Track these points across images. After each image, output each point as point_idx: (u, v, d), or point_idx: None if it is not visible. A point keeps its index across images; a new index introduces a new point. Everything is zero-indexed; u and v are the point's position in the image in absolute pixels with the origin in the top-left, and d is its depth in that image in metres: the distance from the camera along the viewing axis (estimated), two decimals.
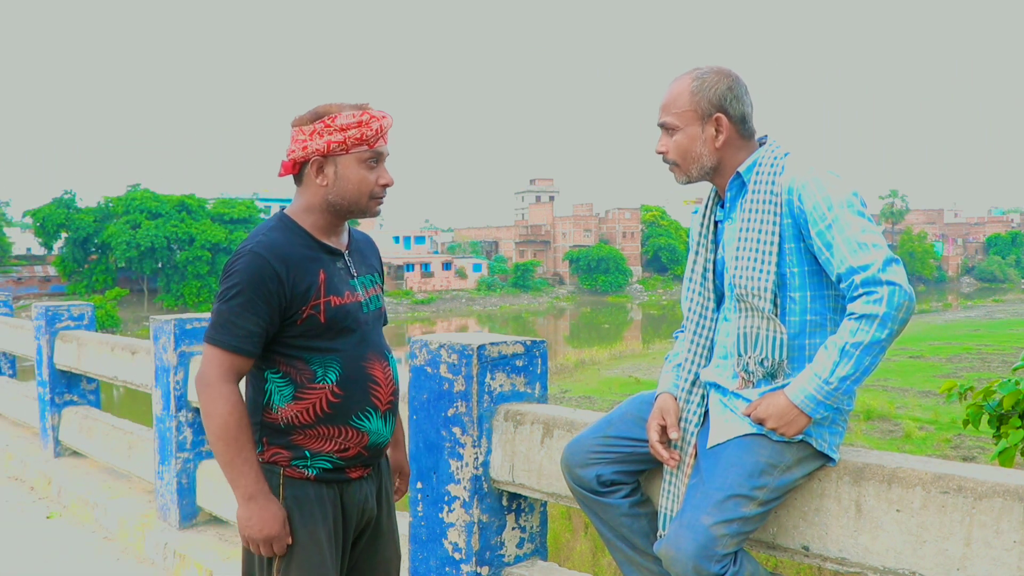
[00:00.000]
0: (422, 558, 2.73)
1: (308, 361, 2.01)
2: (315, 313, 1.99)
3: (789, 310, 2.01)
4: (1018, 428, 3.82)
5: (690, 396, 2.16)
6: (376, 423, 2.08)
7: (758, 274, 2.00)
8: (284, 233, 2.01)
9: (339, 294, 2.03)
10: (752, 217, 2.03)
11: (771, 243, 1.99)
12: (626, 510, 2.18)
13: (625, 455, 2.19)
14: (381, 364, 2.11)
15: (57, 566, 4.17)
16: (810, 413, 1.90)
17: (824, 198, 1.92)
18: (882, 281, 1.83)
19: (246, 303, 1.93)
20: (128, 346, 4.92)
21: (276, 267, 1.94)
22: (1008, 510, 1.70)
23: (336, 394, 2.02)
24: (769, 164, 2.04)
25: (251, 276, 1.93)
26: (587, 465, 2.19)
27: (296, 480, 2.03)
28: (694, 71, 2.10)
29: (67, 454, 5.74)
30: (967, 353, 28.85)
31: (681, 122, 2.08)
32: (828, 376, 1.86)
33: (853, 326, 1.84)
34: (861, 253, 1.86)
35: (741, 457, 1.95)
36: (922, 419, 17.59)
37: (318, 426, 2.02)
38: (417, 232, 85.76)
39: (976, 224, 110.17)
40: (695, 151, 2.08)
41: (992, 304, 65.80)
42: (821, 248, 1.92)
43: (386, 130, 2.02)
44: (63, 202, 58.31)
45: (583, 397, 22.63)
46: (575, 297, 77.46)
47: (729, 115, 2.06)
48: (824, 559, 1.97)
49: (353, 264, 2.13)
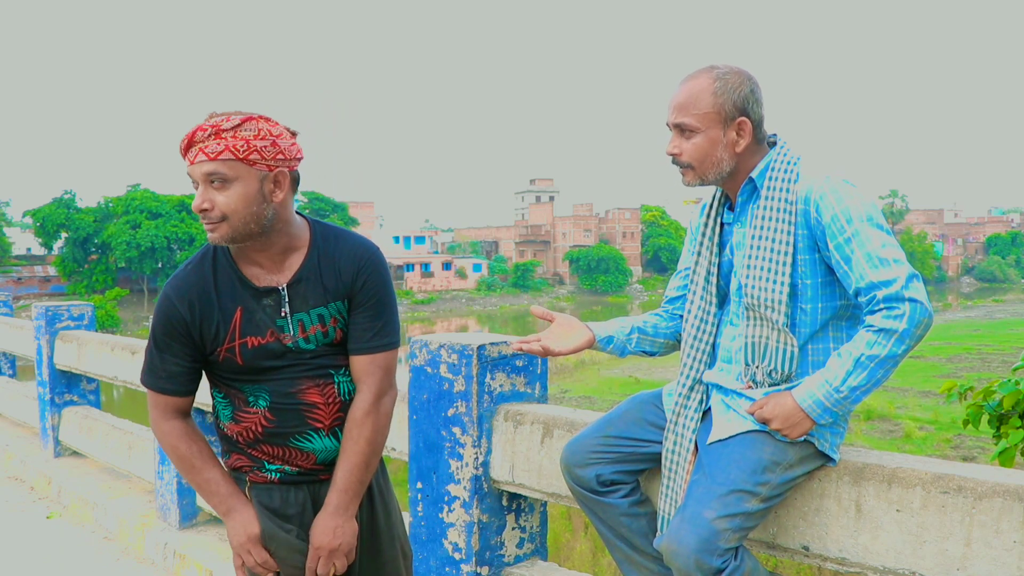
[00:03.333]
0: (422, 558, 2.73)
1: (240, 388, 1.97)
2: (231, 356, 1.91)
3: (800, 321, 1.98)
4: (1018, 428, 3.83)
5: (688, 399, 2.14)
6: (322, 442, 1.99)
7: (772, 285, 1.96)
8: (203, 269, 1.92)
9: (259, 334, 1.91)
10: (767, 225, 1.98)
11: (786, 253, 1.95)
12: (625, 509, 2.18)
13: (625, 455, 2.18)
14: (320, 387, 1.97)
15: (57, 566, 4.17)
16: (816, 418, 1.88)
17: (843, 210, 1.88)
18: (904, 298, 1.80)
19: (160, 345, 1.92)
20: (128, 346, 4.92)
21: (180, 310, 1.89)
22: (1008, 510, 1.70)
23: (269, 419, 1.96)
24: (783, 170, 1.99)
25: (160, 318, 1.91)
26: (587, 465, 2.19)
27: (261, 485, 2.00)
28: (713, 70, 2.02)
29: (67, 454, 5.74)
30: (967, 353, 28.88)
31: (702, 124, 1.99)
32: (839, 384, 1.84)
33: (871, 338, 1.82)
34: (883, 269, 1.83)
35: (745, 453, 1.94)
36: (922, 419, 17.60)
37: (260, 445, 1.98)
38: (417, 232, 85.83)
39: (976, 224, 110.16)
40: (715, 155, 2.01)
41: (992, 304, 65.85)
42: (839, 261, 1.89)
43: (195, 144, 1.80)
44: (63, 202, 58.38)
45: (583, 397, 22.65)
46: (575, 297, 77.46)
47: (751, 119, 2.01)
48: (824, 559, 1.97)
49: (293, 299, 1.93)
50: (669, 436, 2.14)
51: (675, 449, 2.11)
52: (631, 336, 2.29)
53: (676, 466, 2.10)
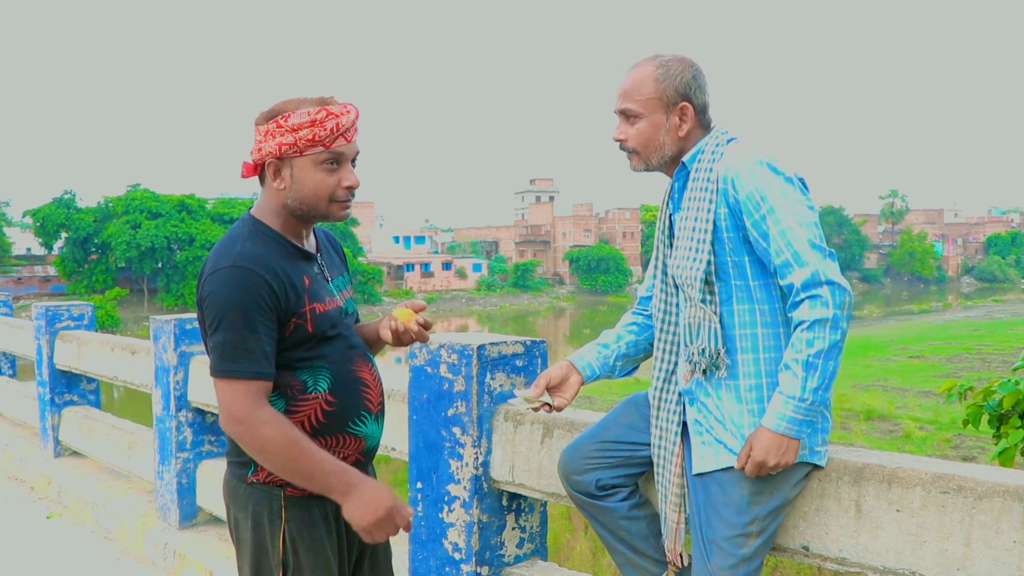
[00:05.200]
0: (422, 558, 2.73)
1: (296, 372, 1.90)
2: (302, 322, 1.87)
3: (738, 298, 1.98)
4: (1018, 428, 3.82)
5: (665, 391, 2.14)
6: (371, 427, 2.01)
7: (692, 263, 1.99)
8: (262, 241, 1.88)
9: (321, 301, 1.93)
10: (690, 206, 2.02)
11: (704, 231, 1.97)
12: (625, 513, 2.18)
13: (623, 459, 2.19)
14: (368, 366, 2.03)
15: (57, 566, 4.17)
16: (796, 435, 1.87)
17: (757, 187, 1.89)
18: (822, 281, 1.82)
19: (249, 324, 1.78)
20: (128, 346, 4.92)
21: (267, 279, 1.81)
22: (1008, 510, 1.70)
23: (330, 402, 1.92)
24: (711, 152, 2.02)
25: (248, 293, 1.78)
26: (585, 471, 2.19)
27: (299, 499, 1.90)
28: (656, 58, 2.06)
29: (67, 454, 5.74)
30: (967, 353, 28.85)
31: (645, 110, 2.03)
32: (801, 395, 1.84)
33: (808, 336, 1.83)
34: (798, 248, 1.84)
35: (727, 495, 1.95)
36: (922, 419, 17.58)
37: (315, 439, 1.88)
38: (417, 232, 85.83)
39: (976, 224, 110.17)
40: (658, 140, 2.05)
41: (992, 304, 65.81)
42: (758, 239, 1.91)
43: (345, 128, 1.85)
44: (63, 202, 58.32)
45: (583, 397, 22.62)
46: (575, 297, 77.44)
47: (693, 104, 2.03)
48: (824, 559, 1.97)
49: (326, 267, 2.02)
50: (654, 431, 2.15)
51: (661, 444, 2.12)
52: (615, 364, 2.31)
53: (664, 460, 2.11)
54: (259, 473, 1.92)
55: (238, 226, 1.92)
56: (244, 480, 1.94)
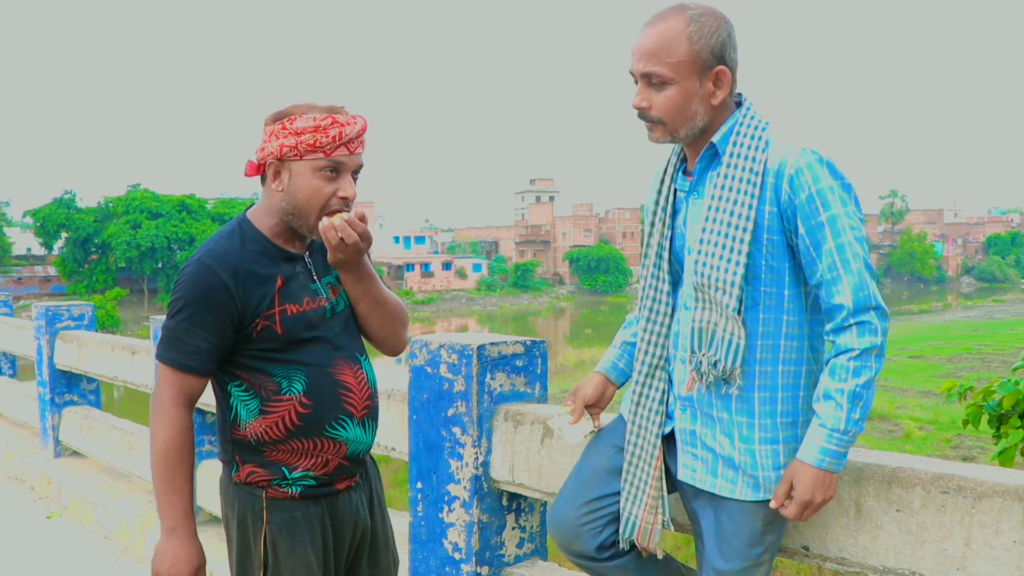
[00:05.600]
0: (422, 558, 2.73)
1: (271, 373, 1.89)
2: (270, 324, 1.87)
3: (765, 306, 1.78)
4: (1018, 428, 3.83)
5: (648, 388, 1.98)
6: (353, 431, 1.96)
7: (725, 264, 1.75)
8: (238, 239, 1.90)
9: (297, 301, 1.91)
10: (726, 196, 1.76)
11: (744, 230, 1.73)
12: (635, 564, 2.08)
13: (613, 514, 2.05)
14: (352, 368, 1.98)
15: (57, 566, 4.17)
16: (837, 469, 1.75)
17: (819, 190, 1.69)
18: (871, 307, 1.69)
19: (192, 318, 1.82)
20: (128, 346, 4.92)
21: (223, 278, 1.82)
22: (1008, 510, 1.70)
23: (305, 404, 1.89)
24: (749, 135, 1.77)
25: (197, 289, 1.82)
26: (580, 538, 2.07)
27: (280, 501, 1.90)
28: (684, 10, 1.74)
29: (67, 454, 5.74)
30: (967, 353, 28.86)
31: (676, 75, 1.73)
32: (844, 427, 1.70)
33: (856, 365, 1.69)
34: (854, 268, 1.69)
35: (739, 527, 1.86)
36: (922, 419, 17.59)
37: (290, 440, 1.89)
38: (417, 232, 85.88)
39: (976, 224, 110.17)
40: (691, 109, 1.77)
41: (992, 304, 65.82)
42: (808, 247, 1.72)
43: (349, 138, 1.84)
44: (63, 202, 58.39)
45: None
46: (575, 297, 77.46)
47: (730, 68, 1.77)
48: (824, 559, 1.97)
49: (315, 265, 1.99)
50: (630, 427, 2.00)
51: (638, 443, 1.99)
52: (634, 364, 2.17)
53: (639, 459, 1.98)
54: (240, 472, 1.94)
55: (228, 224, 1.97)
56: (231, 478, 1.97)
